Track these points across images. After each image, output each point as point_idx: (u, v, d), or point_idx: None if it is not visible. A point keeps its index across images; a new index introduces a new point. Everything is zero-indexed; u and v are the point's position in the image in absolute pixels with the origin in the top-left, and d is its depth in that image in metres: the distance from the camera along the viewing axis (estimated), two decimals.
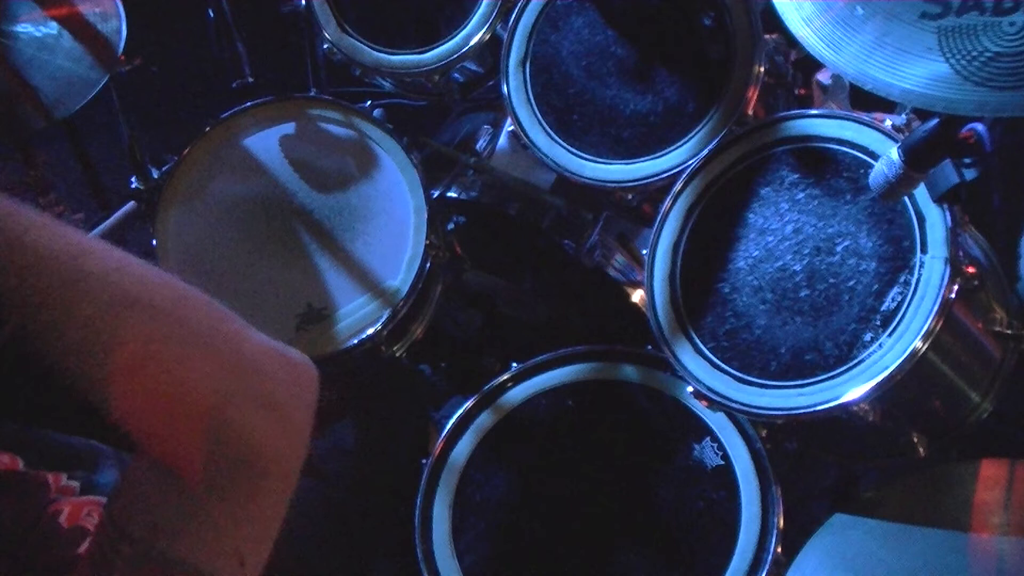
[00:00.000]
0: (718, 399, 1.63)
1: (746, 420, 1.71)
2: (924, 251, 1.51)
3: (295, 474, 0.87)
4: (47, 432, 1.23)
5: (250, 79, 2.64)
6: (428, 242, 1.92)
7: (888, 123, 1.61)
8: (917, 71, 1.24)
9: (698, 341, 1.69)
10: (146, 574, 0.81)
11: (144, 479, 0.84)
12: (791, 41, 1.90)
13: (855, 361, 1.52)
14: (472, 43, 2.09)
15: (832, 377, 1.54)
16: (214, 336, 0.82)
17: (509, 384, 1.89)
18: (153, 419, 0.80)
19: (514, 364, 1.90)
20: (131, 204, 2.28)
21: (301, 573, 1.53)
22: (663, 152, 1.85)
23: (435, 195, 2.12)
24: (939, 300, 1.46)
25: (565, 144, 1.93)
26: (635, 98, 1.91)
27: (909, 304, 1.50)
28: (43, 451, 1.16)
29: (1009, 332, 1.61)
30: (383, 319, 1.88)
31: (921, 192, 1.48)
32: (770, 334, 1.62)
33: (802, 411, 1.54)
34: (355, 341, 1.87)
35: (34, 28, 2.10)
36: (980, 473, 1.46)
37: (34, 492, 1.03)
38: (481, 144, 2.26)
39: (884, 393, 1.47)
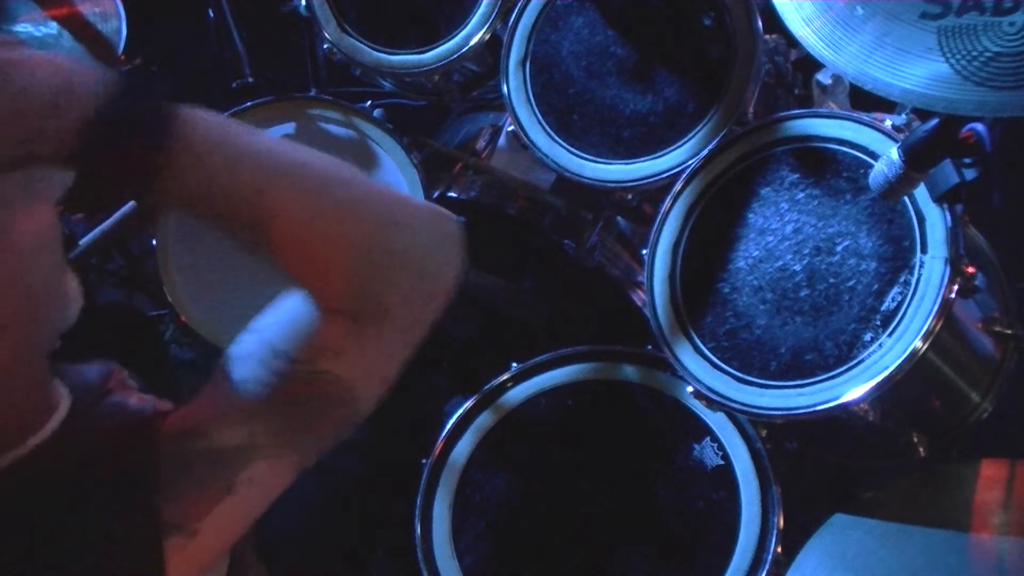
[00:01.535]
0: (718, 399, 1.63)
1: (746, 420, 1.71)
2: (924, 251, 1.51)
3: (426, 318, 1.03)
4: None
5: (250, 79, 2.64)
6: None
7: (888, 123, 1.61)
8: (917, 71, 1.24)
9: (698, 341, 1.69)
10: (294, 388, 0.94)
11: (305, 316, 0.98)
12: (791, 41, 1.91)
13: (855, 361, 1.52)
14: (472, 43, 2.09)
15: (832, 377, 1.53)
16: (362, 200, 0.97)
17: (509, 384, 1.89)
18: (306, 275, 0.97)
19: (514, 364, 1.90)
20: (131, 204, 2.28)
21: (302, 572, 1.53)
22: (663, 152, 1.85)
23: (435, 195, 2.12)
24: (939, 300, 1.46)
25: (565, 144, 1.93)
26: (635, 98, 1.91)
27: (909, 304, 1.50)
28: None
29: (1009, 332, 1.61)
30: None
31: (921, 192, 1.48)
32: (770, 334, 1.62)
33: (802, 411, 1.54)
34: None
35: (34, 28, 2.10)
36: (980, 473, 1.46)
37: (103, 370, 1.08)
38: (481, 144, 2.25)
39: (884, 393, 1.47)
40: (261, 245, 0.93)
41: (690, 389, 1.67)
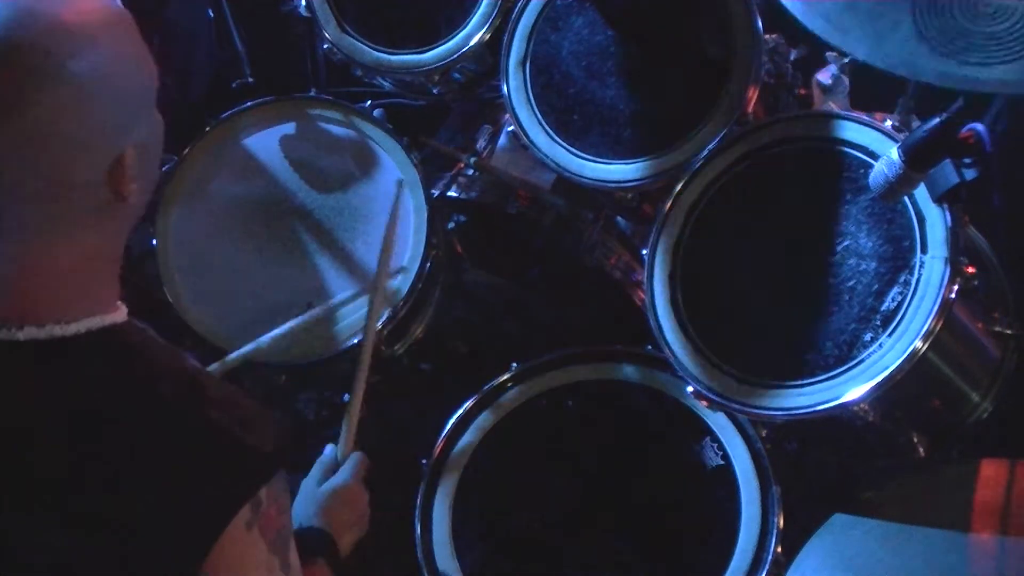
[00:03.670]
0: (718, 399, 1.63)
1: (746, 420, 1.71)
2: (924, 251, 1.51)
3: None
4: None
5: (250, 79, 2.63)
6: (428, 242, 1.92)
7: (888, 123, 1.61)
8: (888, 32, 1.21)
9: (698, 341, 1.69)
10: None
11: None
12: (791, 41, 1.91)
13: (855, 361, 1.52)
14: (472, 43, 2.09)
15: (832, 377, 1.54)
16: None
17: (509, 384, 1.89)
18: None
19: (514, 364, 1.90)
20: None
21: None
22: (663, 152, 1.85)
23: (435, 195, 2.12)
24: (939, 300, 1.46)
25: (565, 144, 1.93)
26: (635, 98, 1.91)
27: (909, 304, 1.50)
28: None
29: (1009, 332, 1.61)
30: (383, 319, 1.88)
31: (921, 192, 1.48)
32: (770, 334, 1.62)
33: (802, 411, 1.54)
34: (355, 341, 1.87)
35: None
36: (980, 473, 1.46)
37: None
38: (481, 144, 2.25)
39: (884, 393, 1.47)
40: None
41: (690, 389, 1.67)
